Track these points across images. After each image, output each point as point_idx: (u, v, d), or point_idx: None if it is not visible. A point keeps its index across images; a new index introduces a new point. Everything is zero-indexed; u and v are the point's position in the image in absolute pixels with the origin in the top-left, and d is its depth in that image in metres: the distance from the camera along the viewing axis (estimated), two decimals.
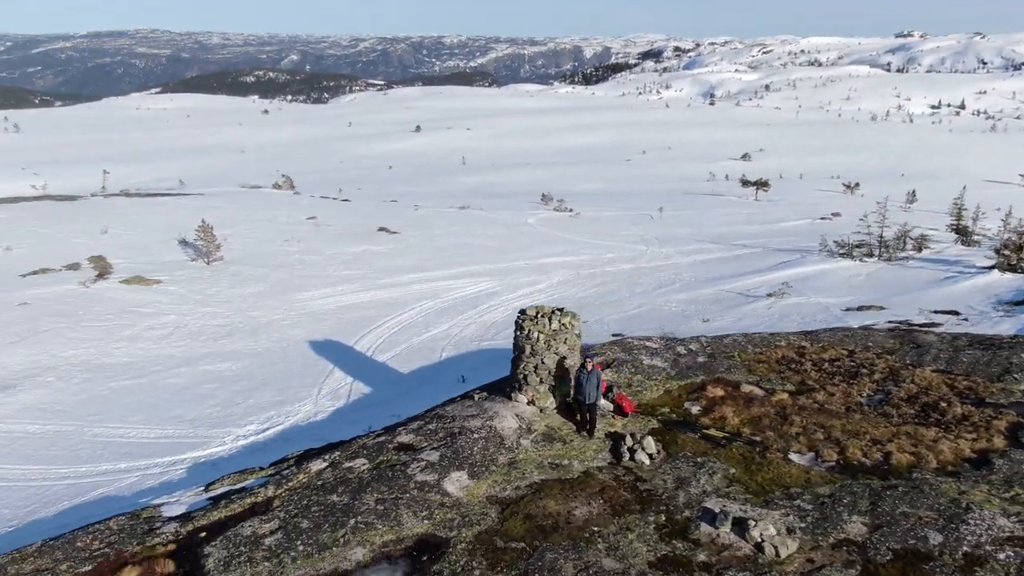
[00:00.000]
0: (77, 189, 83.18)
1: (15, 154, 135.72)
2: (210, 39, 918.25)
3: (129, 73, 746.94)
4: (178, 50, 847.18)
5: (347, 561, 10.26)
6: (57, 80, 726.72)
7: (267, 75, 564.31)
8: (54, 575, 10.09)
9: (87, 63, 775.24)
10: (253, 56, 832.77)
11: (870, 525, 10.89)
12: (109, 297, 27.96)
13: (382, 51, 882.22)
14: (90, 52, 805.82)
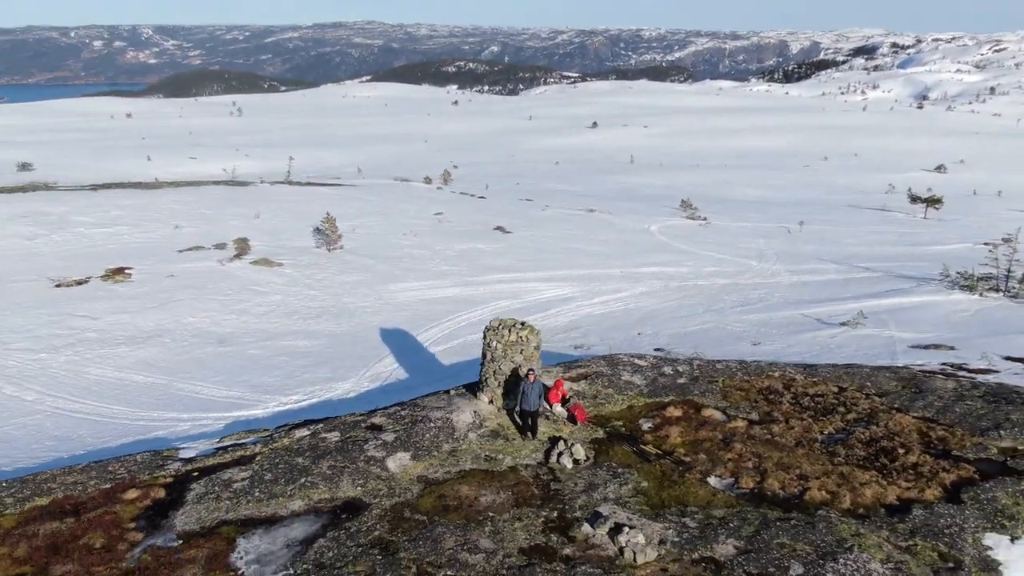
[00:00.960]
0: (269, 172, 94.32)
1: (233, 135, 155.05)
2: (419, 30, 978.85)
3: (345, 62, 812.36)
4: (389, 40, 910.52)
5: (285, 509, 12.80)
6: (284, 67, 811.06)
7: (467, 66, 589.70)
8: (85, 487, 13.53)
9: (311, 52, 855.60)
10: (456, 47, 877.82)
11: (741, 549, 11.71)
12: (236, 275, 32.98)
13: (579, 44, 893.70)
14: (314, 42, 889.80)
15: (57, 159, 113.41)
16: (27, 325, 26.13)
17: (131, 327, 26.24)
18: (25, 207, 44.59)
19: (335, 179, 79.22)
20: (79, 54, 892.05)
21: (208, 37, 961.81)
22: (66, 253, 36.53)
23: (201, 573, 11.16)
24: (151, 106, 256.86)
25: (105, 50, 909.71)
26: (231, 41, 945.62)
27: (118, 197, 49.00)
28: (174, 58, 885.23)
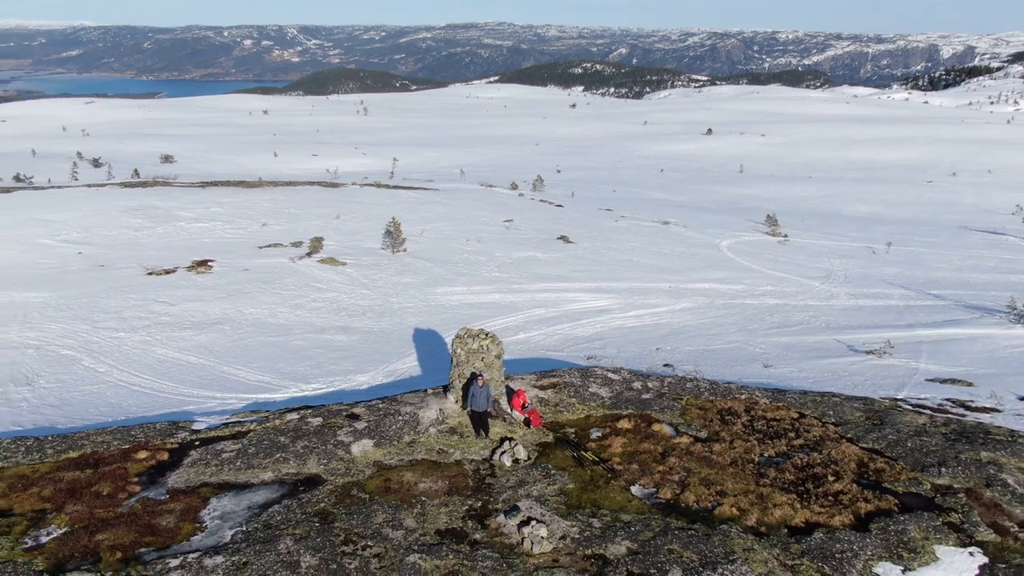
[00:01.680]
0: (379, 170, 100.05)
1: (357, 133, 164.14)
2: (548, 31, 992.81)
3: (475, 62, 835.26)
4: (519, 41, 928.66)
5: (257, 478, 15.09)
6: (416, 66, 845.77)
7: (593, 67, 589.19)
8: (108, 446, 16.38)
9: (442, 52, 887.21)
10: (584, 48, 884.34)
11: (632, 551, 12.92)
12: (302, 272, 36.29)
13: (711, 46, 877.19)
14: (445, 42, 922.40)
15: (196, 152, 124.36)
16: (116, 307, 30.24)
17: (199, 314, 29.80)
18: (140, 201, 50.36)
19: (428, 181, 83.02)
20: (231, 52, 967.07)
21: (347, 37, 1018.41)
22: (164, 244, 41.29)
23: (174, 521, 13.59)
24: (286, 103, 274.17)
25: (254, 48, 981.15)
26: (368, 41, 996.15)
27: (220, 195, 54.23)
28: (315, 57, 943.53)
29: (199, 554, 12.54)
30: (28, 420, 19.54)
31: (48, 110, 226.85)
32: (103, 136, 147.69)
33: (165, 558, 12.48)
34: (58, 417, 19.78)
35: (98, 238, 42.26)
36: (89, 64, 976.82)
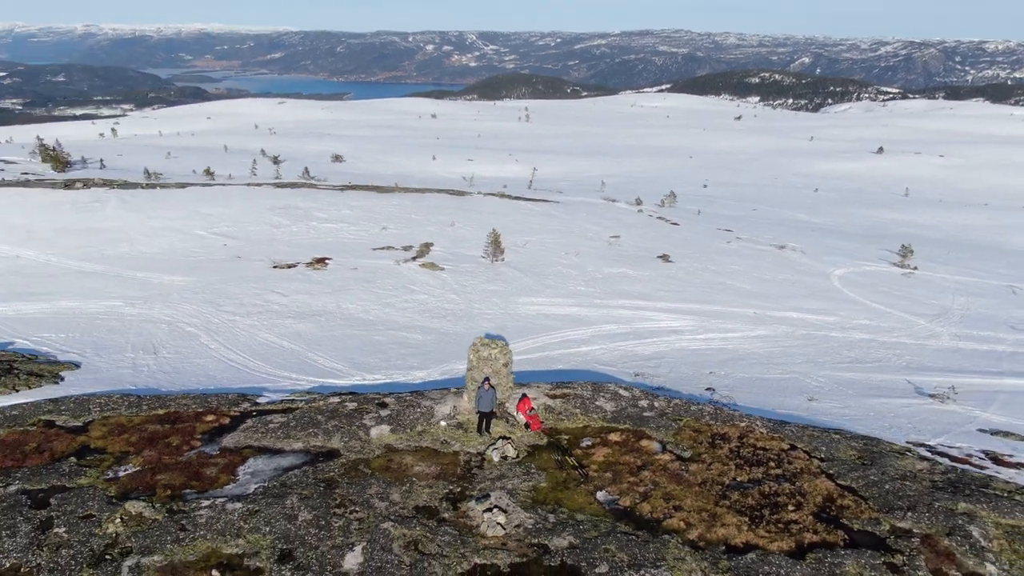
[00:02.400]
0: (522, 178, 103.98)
1: (515, 139, 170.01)
2: (726, 39, 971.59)
3: (647, 69, 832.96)
4: (694, 49, 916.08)
5: (289, 447, 18.17)
6: (588, 73, 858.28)
7: (771, 77, 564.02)
8: (188, 408, 20.17)
9: (615, 59, 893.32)
10: (764, 57, 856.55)
11: (573, 545, 14.61)
12: (403, 274, 39.95)
13: (906, 56, 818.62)
14: (619, 49, 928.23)
15: (364, 153, 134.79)
16: (239, 293, 35.22)
17: (304, 306, 34.07)
18: (285, 201, 56.76)
19: (558, 193, 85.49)
20: (414, 56, 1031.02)
21: (523, 43, 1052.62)
22: (296, 241, 46.68)
23: (216, 472, 16.92)
24: (455, 108, 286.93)
25: (435, 53, 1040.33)
26: (543, 47, 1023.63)
27: (354, 198, 59.75)
28: (491, 62, 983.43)
29: (225, 499, 15.70)
30: (143, 382, 24.06)
31: (247, 109, 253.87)
32: (288, 134, 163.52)
33: (200, 499, 15.76)
34: (165, 381, 24.17)
35: (243, 232, 48.54)
36: (288, 66, 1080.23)
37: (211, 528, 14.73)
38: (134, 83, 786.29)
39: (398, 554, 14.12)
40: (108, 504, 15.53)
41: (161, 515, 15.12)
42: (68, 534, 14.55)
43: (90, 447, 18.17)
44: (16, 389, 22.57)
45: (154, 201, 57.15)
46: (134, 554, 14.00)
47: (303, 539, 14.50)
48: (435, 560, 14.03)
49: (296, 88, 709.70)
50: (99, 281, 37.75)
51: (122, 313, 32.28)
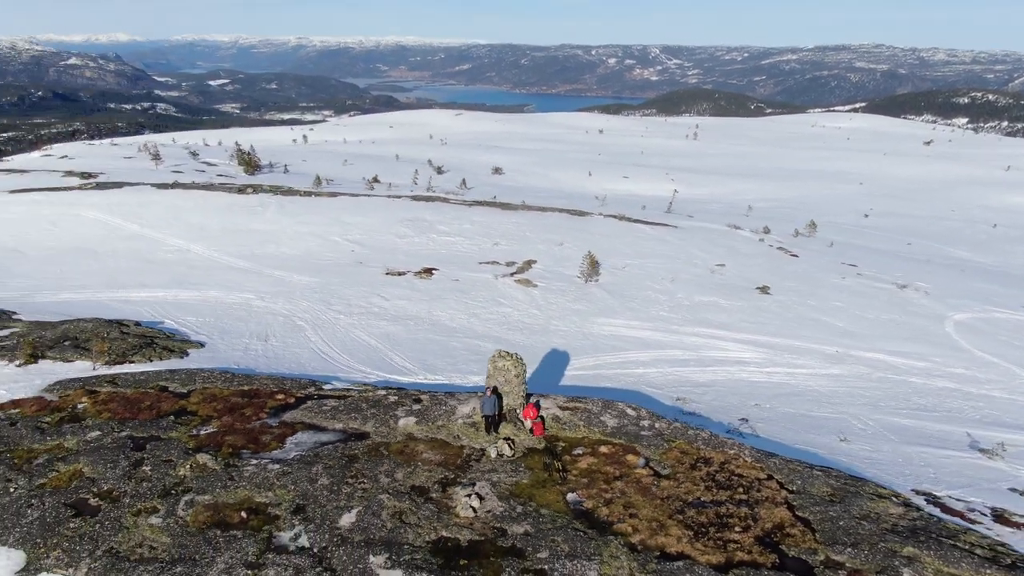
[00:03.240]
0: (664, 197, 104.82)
1: (677, 158, 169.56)
2: (934, 55, 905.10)
3: (841, 86, 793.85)
4: (896, 65, 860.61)
5: (331, 426, 21.94)
6: (775, 89, 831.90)
7: (984, 97, 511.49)
8: (266, 388, 24.61)
9: (806, 75, 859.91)
10: (978, 75, 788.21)
11: (527, 532, 17.09)
12: (497, 288, 43.32)
13: None
14: (811, 64, 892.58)
15: (523, 166, 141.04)
16: (350, 295, 40.25)
17: (400, 310, 38.39)
18: (415, 213, 62.25)
19: (688, 217, 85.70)
20: (595, 70, 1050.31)
21: (708, 57, 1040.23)
22: (413, 251, 51.58)
23: (269, 440, 21.02)
24: (623, 124, 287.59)
25: (617, 67, 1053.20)
26: (728, 62, 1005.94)
27: (478, 214, 64.20)
28: (673, 76, 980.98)
29: (269, 461, 19.70)
30: (246, 363, 29.09)
31: (426, 119, 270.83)
32: (459, 145, 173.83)
33: (251, 458, 19.86)
34: (263, 364, 29.06)
35: (371, 240, 54.28)
36: (475, 77, 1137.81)
37: (251, 481, 18.71)
38: (335, 91, 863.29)
39: (383, 520, 17.32)
40: (184, 454, 20.02)
41: (219, 466, 19.33)
42: (151, 471, 19.11)
43: (187, 410, 22.99)
44: (151, 359, 28.30)
45: (306, 208, 64.88)
46: (191, 492, 18.23)
47: (316, 498, 18.09)
48: (410, 528, 17.08)
49: (480, 99, 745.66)
50: (243, 276, 44.44)
51: (251, 305, 38.20)
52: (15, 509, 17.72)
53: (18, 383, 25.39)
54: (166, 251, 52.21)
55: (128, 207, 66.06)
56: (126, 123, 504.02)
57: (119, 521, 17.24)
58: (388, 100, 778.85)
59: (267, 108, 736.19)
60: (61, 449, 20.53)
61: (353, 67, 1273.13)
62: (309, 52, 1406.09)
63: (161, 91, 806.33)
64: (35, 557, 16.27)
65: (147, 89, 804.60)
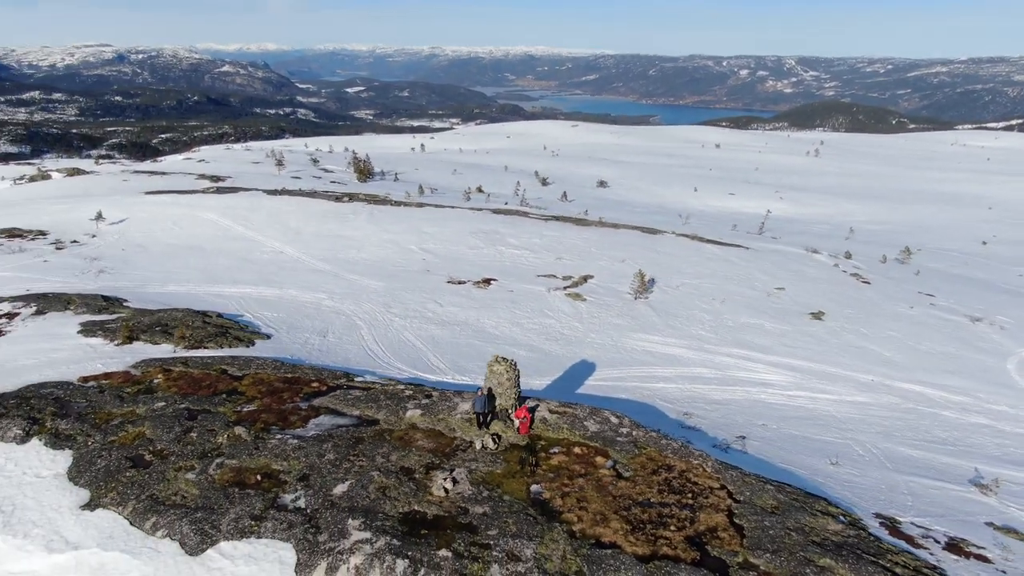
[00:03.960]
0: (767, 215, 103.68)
1: (791, 175, 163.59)
2: None
3: (996, 101, 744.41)
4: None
5: (349, 412, 25.43)
6: (920, 103, 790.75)
7: None
8: (306, 375, 28.50)
9: (956, 88, 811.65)
10: None
11: (486, 513, 19.80)
12: (547, 300, 45.91)
13: None
14: (963, 78, 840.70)
15: (628, 180, 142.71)
16: (409, 300, 44.09)
17: (451, 316, 41.79)
18: (490, 226, 65.79)
19: (773, 238, 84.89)
20: (725, 81, 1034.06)
21: (847, 69, 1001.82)
22: (479, 262, 55.01)
23: (296, 420, 24.76)
24: (741, 139, 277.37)
25: (748, 78, 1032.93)
26: (870, 74, 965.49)
27: (550, 229, 66.96)
28: (809, 88, 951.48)
29: (290, 437, 23.40)
30: (300, 354, 33.26)
31: (542, 130, 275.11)
32: (569, 157, 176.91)
33: (277, 434, 23.62)
34: (314, 357, 33.11)
35: (443, 250, 58.24)
36: (601, 87, 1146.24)
37: (272, 451, 22.43)
38: (463, 99, 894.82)
39: (369, 492, 20.53)
40: (226, 425, 24.04)
41: (250, 438, 23.21)
42: (196, 438, 23.22)
43: (237, 390, 27.18)
44: (221, 346, 32.98)
45: (393, 217, 69.92)
46: (223, 457, 22.14)
47: (319, 470, 21.55)
48: (389, 501, 20.20)
49: (605, 109, 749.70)
50: (321, 278, 49.34)
51: (321, 304, 42.75)
52: (89, 458, 22.20)
53: (113, 359, 30.53)
54: (262, 252, 58.18)
55: (239, 210, 73.32)
56: (269, 127, 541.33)
57: (163, 474, 21.33)
58: (514, 109, 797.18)
59: (398, 115, 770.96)
60: (133, 415, 25.08)
61: (482, 76, 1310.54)
62: (441, 61, 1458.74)
63: (302, 97, 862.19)
64: (96, 496, 20.54)
65: (290, 95, 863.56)
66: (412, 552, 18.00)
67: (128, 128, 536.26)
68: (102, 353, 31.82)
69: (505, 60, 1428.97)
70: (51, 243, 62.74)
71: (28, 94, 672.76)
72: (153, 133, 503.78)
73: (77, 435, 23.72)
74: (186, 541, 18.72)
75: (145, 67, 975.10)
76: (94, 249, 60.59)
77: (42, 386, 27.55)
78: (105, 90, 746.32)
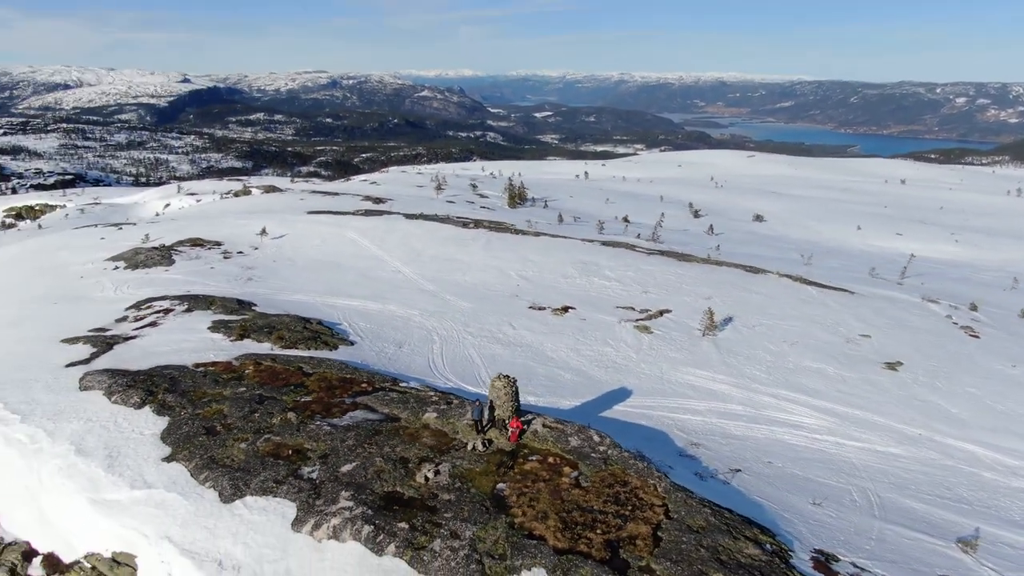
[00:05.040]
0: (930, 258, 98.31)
1: (983, 217, 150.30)
2: None
3: None
4: None
5: (380, 409, 30.59)
6: None
7: None
8: (359, 377, 34.15)
9: None
10: None
11: (451, 500, 24.04)
12: (612, 330, 48.88)
13: None
14: None
15: (789, 215, 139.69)
16: (489, 322, 48.96)
17: (518, 339, 46.13)
18: (591, 257, 69.33)
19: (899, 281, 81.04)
20: (938, 109, 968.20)
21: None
22: (567, 291, 58.83)
23: (338, 412, 30.35)
24: (933, 174, 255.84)
25: (965, 107, 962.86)
26: None
27: (651, 263, 69.27)
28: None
29: (326, 424, 28.99)
30: (372, 359, 39.06)
31: (714, 160, 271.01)
32: (735, 188, 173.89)
33: (317, 421, 29.30)
34: (382, 363, 38.79)
35: (539, 277, 62.70)
36: (796, 115, 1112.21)
37: (308, 434, 28.10)
38: (649, 125, 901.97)
39: (367, 473, 25.51)
40: (282, 411, 30.11)
41: (296, 422, 29.07)
42: (257, 417, 29.45)
43: (304, 384, 33.33)
44: (309, 349, 39.62)
45: (507, 244, 75.57)
46: (271, 434, 28.11)
47: (337, 452, 26.87)
48: (379, 481, 25.05)
49: (799, 137, 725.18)
50: (421, 296, 55.64)
51: (411, 319, 48.80)
52: (178, 425, 29.01)
53: (223, 351, 37.96)
54: (383, 270, 65.77)
55: (377, 232, 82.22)
56: (459, 149, 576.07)
57: (224, 442, 27.59)
58: (700, 136, 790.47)
59: (583, 140, 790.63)
60: (220, 395, 31.85)
61: (670, 102, 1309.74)
62: (629, 87, 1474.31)
63: (492, 121, 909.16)
64: (174, 453, 27.14)
65: (481, 119, 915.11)
66: (378, 521, 22.69)
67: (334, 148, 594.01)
68: (218, 346, 39.46)
69: (695, 86, 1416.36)
70: (221, 252, 74.26)
71: (254, 115, 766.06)
72: (355, 153, 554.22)
73: (176, 407, 30.75)
74: (223, 492, 24.62)
75: (354, 91, 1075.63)
76: (252, 260, 71.02)
77: (165, 367, 35.28)
78: (318, 112, 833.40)
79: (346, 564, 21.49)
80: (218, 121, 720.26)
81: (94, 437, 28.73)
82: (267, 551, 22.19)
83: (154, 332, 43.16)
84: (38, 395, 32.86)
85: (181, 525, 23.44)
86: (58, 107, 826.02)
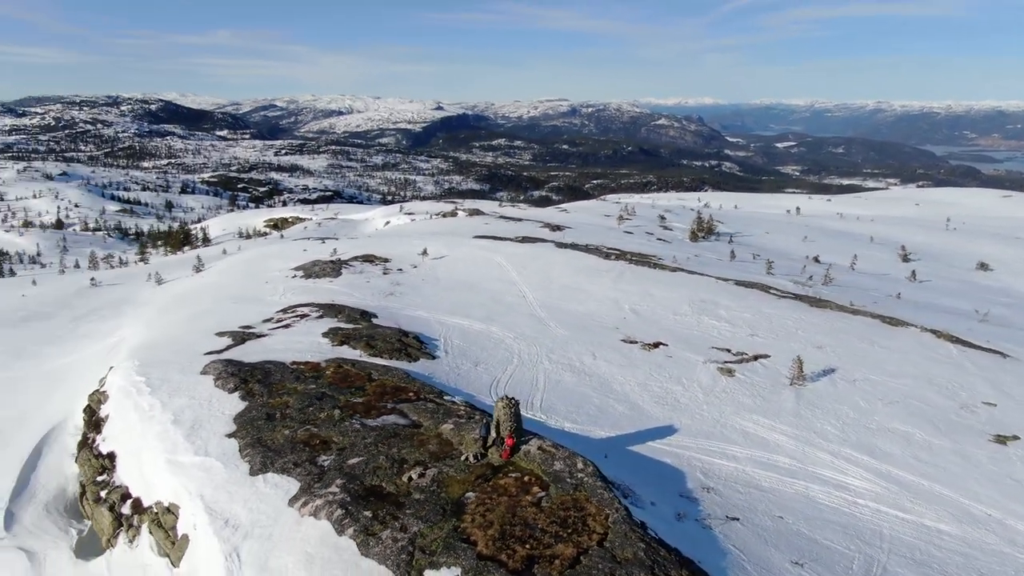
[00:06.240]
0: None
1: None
2: None
3: None
4: None
5: (411, 415, 34.76)
6: None
7: None
8: (410, 385, 38.66)
9: None
10: None
11: (417, 499, 27.53)
12: (693, 368, 48.74)
13: None
14: None
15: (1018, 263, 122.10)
16: (574, 350, 51.32)
17: (591, 368, 48.02)
18: (713, 296, 68.26)
19: None
20: None
21: None
22: (673, 328, 59.04)
23: (375, 414, 35.05)
24: None
25: None
26: None
27: (774, 305, 66.61)
28: None
29: (358, 423, 33.82)
30: (443, 375, 43.32)
31: (961, 199, 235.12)
32: (968, 232, 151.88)
33: (353, 420, 34.21)
34: (451, 379, 42.90)
35: (650, 312, 63.42)
36: None
37: (340, 429, 33.12)
38: (907, 158, 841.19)
39: (367, 468, 29.83)
40: (332, 408, 35.46)
41: (336, 418, 34.24)
42: (311, 410, 35.07)
43: (364, 387, 38.58)
44: (391, 359, 44.97)
45: (638, 277, 76.77)
46: (311, 425, 33.49)
47: (354, 447, 31.54)
48: (370, 475, 29.24)
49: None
50: (527, 320, 59.29)
51: (502, 341, 52.66)
52: (249, 409, 35.43)
53: (320, 353, 44.51)
54: (511, 295, 70.35)
55: (523, 258, 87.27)
56: (690, 178, 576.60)
57: (274, 428, 33.41)
58: (968, 171, 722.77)
59: (827, 172, 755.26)
60: (294, 390, 38.01)
61: (933, 133, 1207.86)
62: (886, 116, 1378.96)
63: (729, 150, 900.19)
64: (236, 431, 33.40)
65: (717, 148, 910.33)
66: (350, 507, 26.86)
67: (568, 173, 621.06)
68: (321, 349, 46.17)
69: (966, 116, 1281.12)
70: (382, 269, 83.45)
71: (496, 141, 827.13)
72: (587, 179, 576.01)
73: (257, 395, 37.29)
74: (253, 466, 30.24)
75: (592, 119, 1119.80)
76: (404, 277, 79.18)
77: (268, 362, 42.38)
78: (556, 139, 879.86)
79: (312, 537, 25.80)
80: (463, 146, 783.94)
81: (190, 412, 35.97)
82: (263, 517, 27.19)
83: (282, 333, 51.14)
84: (171, 374, 41.26)
85: (213, 487, 29.26)
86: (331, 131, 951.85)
